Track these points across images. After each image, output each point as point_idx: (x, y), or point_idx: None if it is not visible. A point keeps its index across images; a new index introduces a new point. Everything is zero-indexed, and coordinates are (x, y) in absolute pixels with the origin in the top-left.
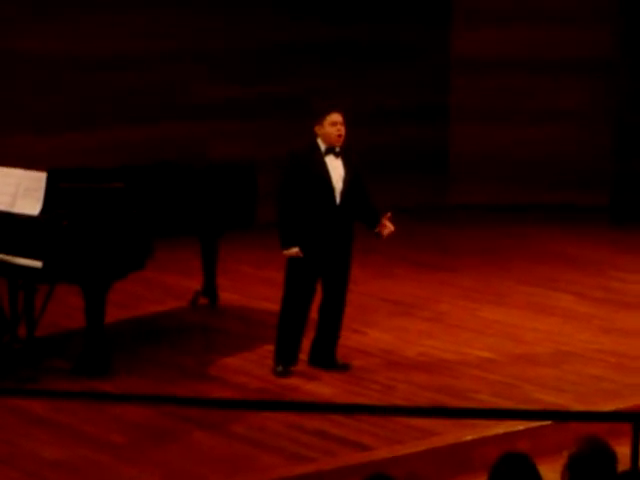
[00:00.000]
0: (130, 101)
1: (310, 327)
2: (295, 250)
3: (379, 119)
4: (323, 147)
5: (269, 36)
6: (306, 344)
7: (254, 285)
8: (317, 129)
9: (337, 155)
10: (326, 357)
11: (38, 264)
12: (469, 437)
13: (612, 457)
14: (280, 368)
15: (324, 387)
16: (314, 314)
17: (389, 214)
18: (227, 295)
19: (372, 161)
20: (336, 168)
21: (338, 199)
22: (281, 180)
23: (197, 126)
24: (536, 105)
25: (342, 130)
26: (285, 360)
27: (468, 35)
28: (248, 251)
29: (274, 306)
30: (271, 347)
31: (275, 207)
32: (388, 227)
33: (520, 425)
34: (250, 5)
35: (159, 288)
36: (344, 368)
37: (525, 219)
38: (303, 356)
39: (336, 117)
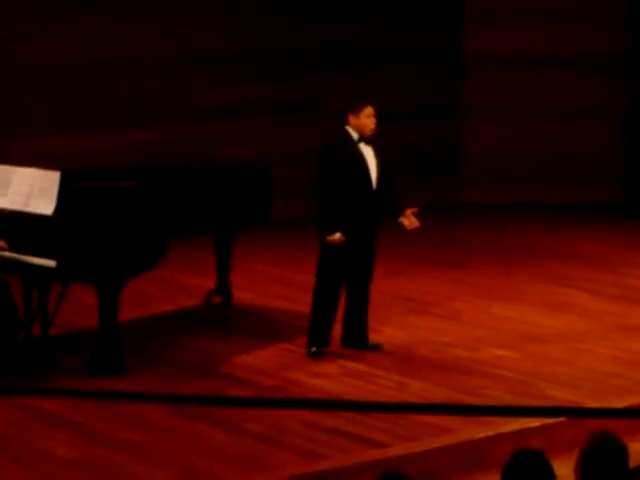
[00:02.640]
0: (133, 103)
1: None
2: (338, 236)
3: (391, 118)
4: (355, 136)
5: (274, 38)
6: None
7: (268, 283)
8: (351, 119)
9: (367, 143)
10: (358, 338)
11: (52, 263)
12: (483, 434)
13: (623, 451)
14: (314, 349)
15: (338, 385)
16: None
17: (416, 209)
18: (241, 293)
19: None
20: (369, 155)
21: (374, 184)
22: (319, 171)
23: (201, 128)
24: (549, 103)
25: (375, 122)
26: (319, 341)
27: (480, 33)
28: (262, 249)
29: (288, 304)
30: (285, 345)
31: (315, 196)
32: (413, 222)
33: (534, 422)
34: (253, 7)
35: (173, 287)
36: (376, 349)
37: (538, 216)
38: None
39: (371, 110)
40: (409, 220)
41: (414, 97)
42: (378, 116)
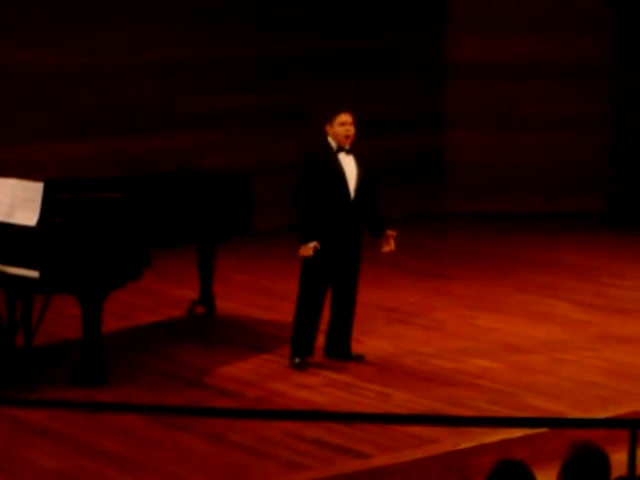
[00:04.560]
0: (119, 113)
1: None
2: (313, 244)
3: (373, 128)
4: (334, 145)
5: (257, 47)
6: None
7: (250, 294)
8: (327, 128)
9: (348, 153)
10: (341, 348)
11: (35, 274)
12: (466, 445)
13: (604, 460)
14: (297, 360)
15: (321, 395)
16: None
17: (394, 233)
18: (224, 304)
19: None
20: (349, 164)
21: (352, 194)
22: (298, 179)
23: (186, 137)
24: (532, 112)
25: (351, 130)
26: (302, 352)
27: (462, 43)
28: (245, 260)
29: (270, 315)
30: (268, 356)
31: (293, 205)
32: (390, 246)
33: (517, 432)
34: (238, 16)
35: (156, 297)
36: (358, 359)
37: (521, 226)
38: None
39: (345, 117)
40: (387, 242)
41: (398, 107)
42: (362, 126)
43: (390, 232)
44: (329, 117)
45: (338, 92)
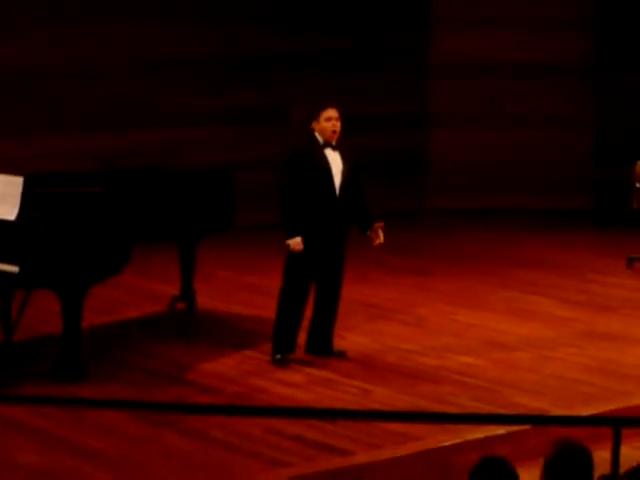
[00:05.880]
0: (100, 110)
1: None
2: (299, 240)
3: (358, 126)
4: (321, 140)
5: (241, 45)
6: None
7: (232, 290)
8: (314, 124)
9: (334, 148)
10: (323, 344)
11: (15, 269)
12: (449, 442)
13: (587, 458)
14: (279, 356)
15: (302, 392)
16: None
17: (382, 224)
18: (204, 300)
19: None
20: (335, 160)
21: (338, 190)
22: (283, 174)
23: (167, 134)
24: (515, 110)
25: (337, 126)
26: (283, 348)
27: (446, 41)
28: (226, 256)
29: (252, 311)
30: (249, 352)
31: (278, 200)
32: (379, 238)
33: (500, 429)
34: (222, 14)
35: (136, 293)
36: (340, 355)
37: (505, 224)
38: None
39: (331, 112)
40: (376, 235)
41: (381, 105)
42: (346, 124)
43: (378, 223)
44: (315, 113)
45: (322, 91)
